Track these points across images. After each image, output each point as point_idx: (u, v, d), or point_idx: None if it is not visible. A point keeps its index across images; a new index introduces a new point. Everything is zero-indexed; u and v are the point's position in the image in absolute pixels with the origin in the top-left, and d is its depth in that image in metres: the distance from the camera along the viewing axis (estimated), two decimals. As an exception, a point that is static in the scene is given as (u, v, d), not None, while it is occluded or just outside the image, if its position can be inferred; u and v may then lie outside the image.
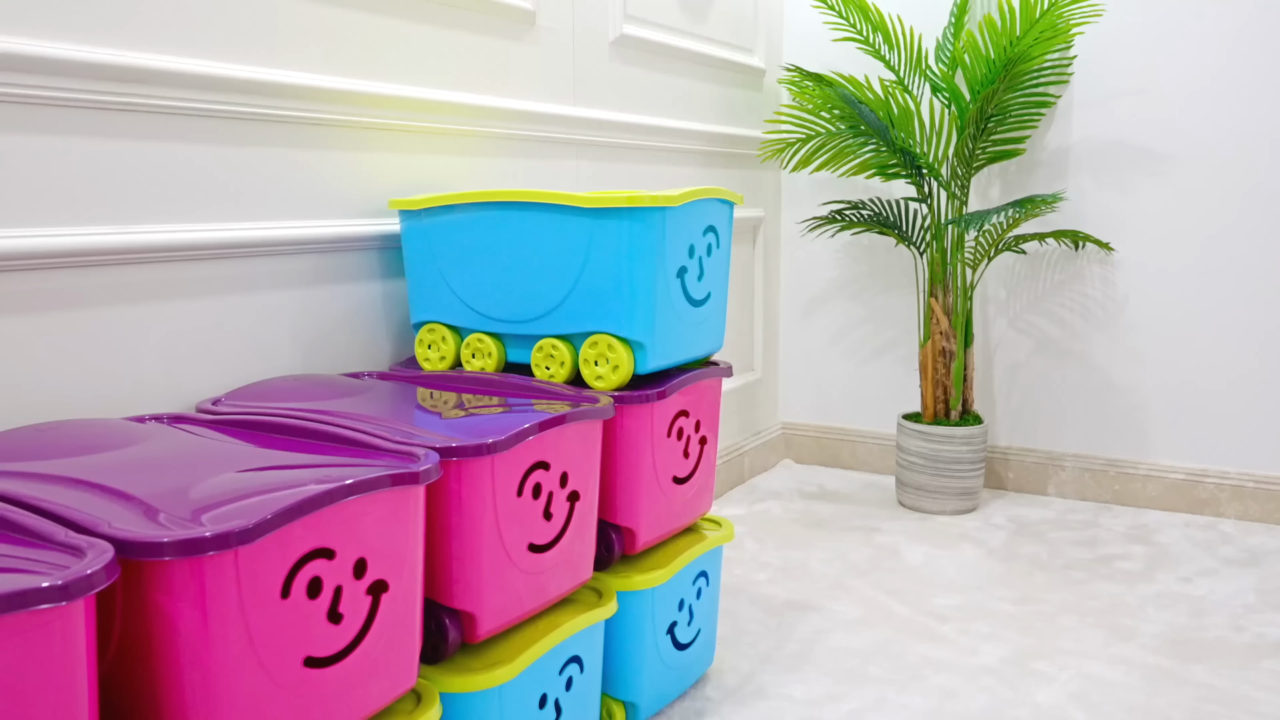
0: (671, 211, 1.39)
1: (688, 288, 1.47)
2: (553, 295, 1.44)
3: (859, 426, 3.03)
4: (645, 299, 1.39)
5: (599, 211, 1.38)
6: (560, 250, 1.42)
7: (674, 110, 2.48)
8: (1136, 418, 2.67)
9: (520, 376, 1.47)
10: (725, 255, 1.57)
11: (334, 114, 1.56)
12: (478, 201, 1.49)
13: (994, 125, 2.56)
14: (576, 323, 1.44)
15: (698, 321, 1.52)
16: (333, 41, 1.55)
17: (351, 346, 1.63)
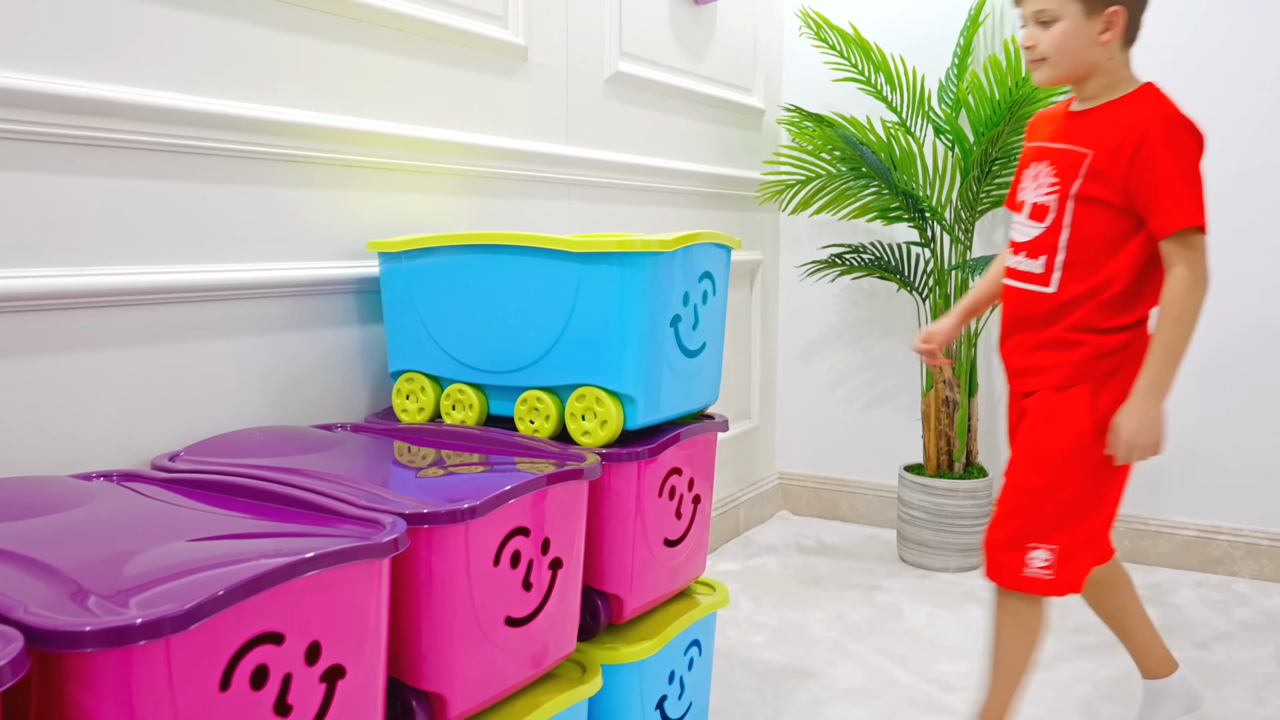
0: (665, 257, 1.31)
1: (682, 337, 1.38)
2: (538, 344, 1.35)
3: (858, 477, 2.93)
4: (636, 350, 1.31)
5: (588, 256, 1.29)
6: (546, 297, 1.34)
7: (670, 150, 2.42)
8: (1146, 472, 2.58)
9: (502, 431, 1.38)
10: (722, 303, 1.49)
11: (314, 151, 1.48)
12: (460, 244, 1.40)
13: (998, 168, 2.49)
14: (563, 374, 1.35)
15: (692, 373, 1.43)
16: (313, 76, 1.48)
17: (326, 395, 1.53)
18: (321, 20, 1.48)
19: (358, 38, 1.55)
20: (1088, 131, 1.40)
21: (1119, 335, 1.39)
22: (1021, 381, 1.49)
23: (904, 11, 2.74)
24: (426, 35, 1.68)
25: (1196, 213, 1.32)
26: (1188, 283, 1.33)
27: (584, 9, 2.08)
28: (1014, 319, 1.49)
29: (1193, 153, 1.35)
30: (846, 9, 2.75)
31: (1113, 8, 1.36)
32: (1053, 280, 1.41)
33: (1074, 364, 1.40)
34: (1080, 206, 1.39)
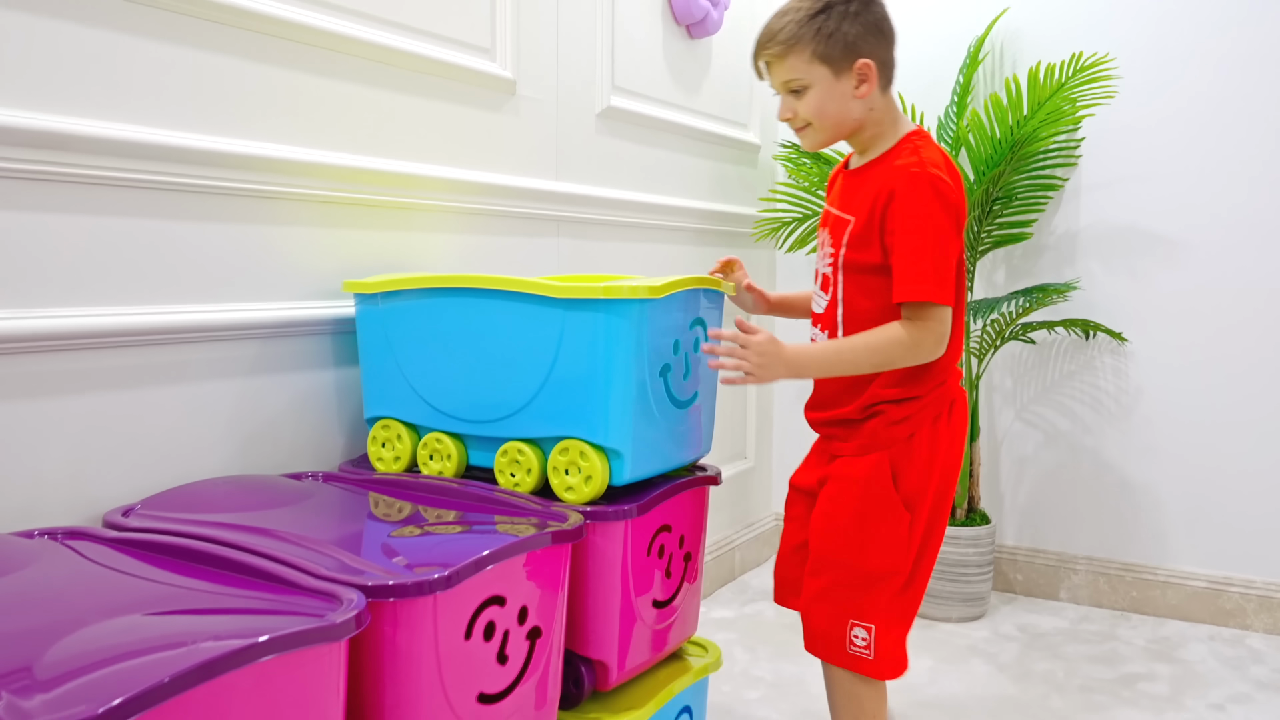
0: (653, 304, 1.24)
1: (671, 387, 1.31)
2: (519, 394, 1.28)
3: (856, 521, 2.84)
4: (623, 401, 1.23)
5: (572, 302, 1.22)
6: (528, 344, 1.26)
7: (664, 186, 2.35)
8: (1153, 519, 2.50)
9: (481, 485, 1.29)
10: (716, 348, 1.41)
11: (289, 186, 1.41)
12: (438, 286, 1.33)
13: (1000, 208, 2.43)
14: (546, 425, 1.27)
15: (683, 424, 1.35)
16: (289, 109, 1.41)
17: (298, 442, 1.45)
18: (298, 52, 1.42)
19: (336, 70, 1.48)
20: (854, 195, 1.37)
21: (913, 403, 1.35)
22: (828, 445, 1.45)
23: (903, 49, 2.67)
24: (410, 68, 1.62)
25: (932, 288, 1.25)
26: (904, 342, 1.28)
27: (575, 42, 2.03)
28: (814, 392, 1.47)
29: (936, 217, 1.27)
30: (844, 44, 2.70)
31: (860, 61, 1.32)
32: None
33: (871, 433, 1.36)
34: (850, 277, 1.36)
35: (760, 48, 1.37)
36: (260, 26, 1.35)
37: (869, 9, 1.34)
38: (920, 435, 1.35)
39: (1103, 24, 2.44)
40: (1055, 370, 2.59)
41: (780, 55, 1.34)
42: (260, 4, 1.34)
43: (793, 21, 1.32)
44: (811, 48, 1.32)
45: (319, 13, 1.44)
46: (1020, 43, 2.55)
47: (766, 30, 1.36)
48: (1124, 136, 2.45)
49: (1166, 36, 2.39)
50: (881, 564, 1.35)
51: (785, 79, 1.35)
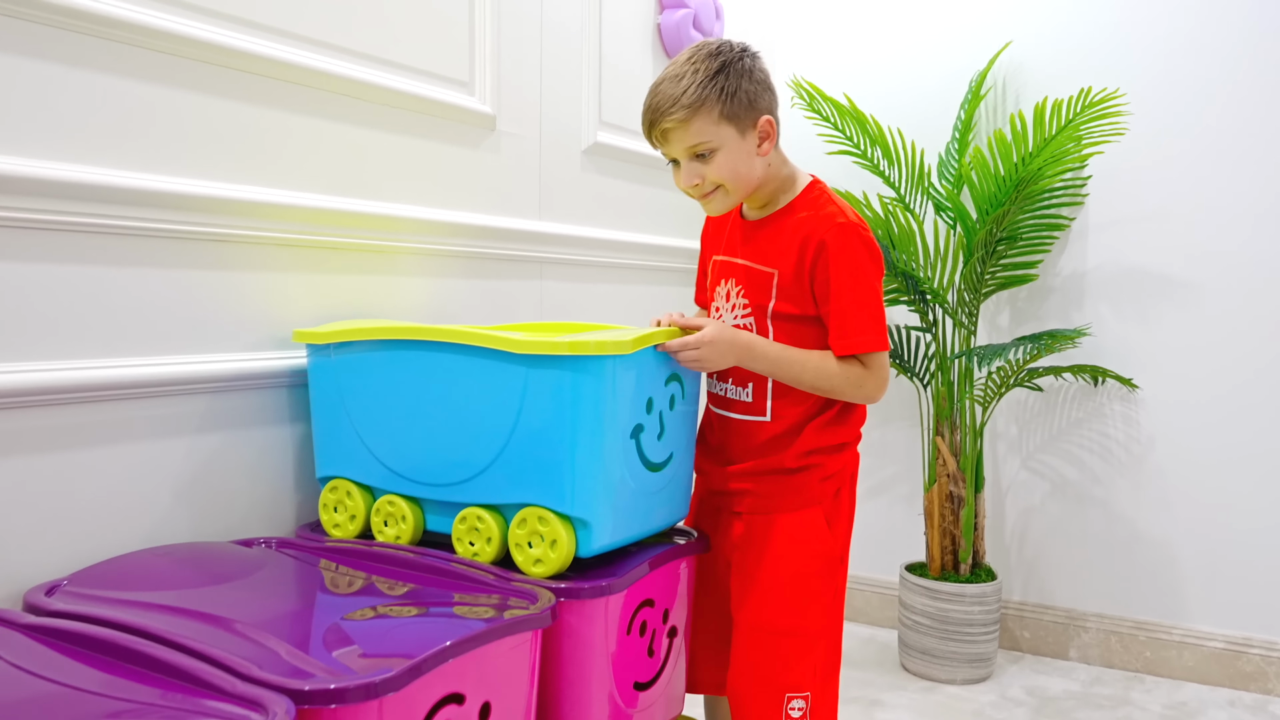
0: (623, 361, 1.14)
1: (644, 450, 1.21)
2: (479, 456, 1.18)
3: (856, 572, 2.72)
4: (590, 467, 1.13)
5: (535, 359, 1.13)
6: (488, 403, 1.16)
7: (653, 225, 2.27)
8: (1167, 575, 2.38)
9: (439, 555, 1.19)
10: (692, 407, 1.32)
11: (244, 229, 1.32)
12: (392, 338, 1.24)
13: (1004, 248, 2.34)
14: (507, 491, 1.17)
15: (657, 489, 1.25)
16: (246, 146, 1.33)
17: (250, 504, 1.35)
18: (248, 83, 1.33)
19: (299, 104, 1.40)
20: (769, 247, 1.35)
21: (843, 453, 1.37)
22: (733, 501, 1.39)
23: (902, 84, 2.62)
24: (381, 102, 1.53)
25: (868, 340, 1.29)
26: (853, 380, 1.30)
27: (559, 75, 1.95)
28: (725, 448, 1.40)
29: (867, 267, 1.30)
30: (841, 80, 2.63)
31: (762, 118, 1.31)
32: (767, 409, 1.35)
33: (804, 487, 1.34)
34: (781, 326, 1.34)
35: (660, 115, 1.30)
36: (212, 57, 1.27)
37: (758, 65, 1.32)
38: (844, 490, 1.39)
39: (1109, 57, 2.36)
40: (1063, 417, 2.49)
41: (685, 120, 1.28)
42: (210, 34, 1.26)
43: (693, 85, 1.27)
44: (719, 108, 1.27)
45: (279, 44, 1.36)
46: (1024, 77, 2.47)
47: (663, 97, 1.29)
48: (1132, 174, 2.36)
49: (1176, 70, 2.31)
50: (818, 623, 1.35)
51: (691, 144, 1.30)
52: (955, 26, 2.55)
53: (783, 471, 1.35)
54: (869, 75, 2.66)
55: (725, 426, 1.40)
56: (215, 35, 1.26)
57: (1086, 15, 2.39)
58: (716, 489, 1.42)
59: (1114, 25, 2.36)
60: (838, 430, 1.36)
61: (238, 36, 1.30)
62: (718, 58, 1.28)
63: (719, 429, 1.42)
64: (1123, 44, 2.35)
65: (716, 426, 1.42)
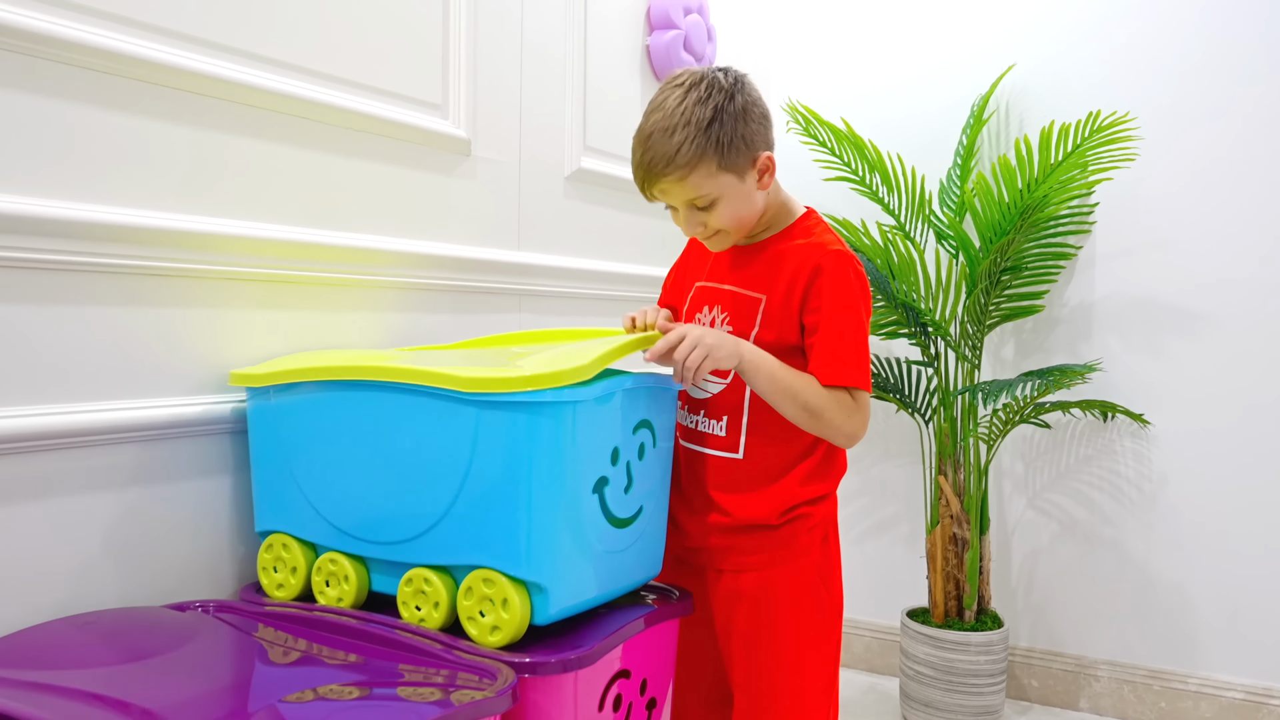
0: (584, 406, 1.04)
1: (609, 504, 1.11)
2: (426, 512, 1.08)
3: (855, 616, 2.61)
4: (546, 525, 1.03)
5: (485, 401, 1.03)
6: (436, 451, 1.06)
7: (641, 254, 2.17)
8: (1183, 621, 2.26)
9: (385, 621, 1.09)
10: (665, 454, 1.22)
11: (179, 261, 1.23)
12: (334, 378, 1.14)
13: (1009, 278, 2.24)
14: (456, 551, 1.07)
15: (624, 546, 1.15)
16: (181, 171, 1.24)
17: (190, 563, 1.25)
18: (189, 105, 1.24)
19: (239, 125, 1.31)
20: (759, 273, 1.29)
21: (825, 502, 1.30)
22: (715, 558, 1.30)
23: (901, 108, 2.53)
24: (344, 125, 1.44)
25: (857, 374, 1.22)
26: (840, 412, 1.21)
27: (541, 98, 1.86)
28: (697, 491, 1.31)
29: (858, 300, 1.24)
30: (838, 104, 2.54)
31: (762, 156, 1.24)
32: (740, 445, 1.27)
33: (792, 540, 1.26)
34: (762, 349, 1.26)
35: (655, 175, 1.21)
36: (148, 76, 1.18)
37: (752, 99, 1.23)
38: (830, 536, 1.31)
39: (1116, 81, 2.27)
40: (1071, 454, 2.37)
41: (682, 178, 1.20)
42: (146, 50, 1.17)
43: (686, 141, 1.18)
44: (716, 161, 1.20)
45: (224, 61, 1.27)
46: (1027, 101, 2.38)
47: (655, 155, 1.20)
48: (1141, 201, 2.26)
49: (1185, 94, 2.21)
50: (817, 683, 1.27)
51: (690, 198, 1.23)
52: (956, 49, 2.46)
53: (766, 528, 1.25)
54: (867, 99, 2.57)
55: (694, 464, 1.31)
56: (152, 52, 1.18)
57: (1092, 38, 2.30)
58: (694, 545, 1.32)
59: (1121, 48, 2.27)
60: (821, 482, 1.28)
61: (178, 54, 1.21)
62: (709, 103, 1.19)
63: (687, 467, 1.33)
64: (1130, 67, 2.26)
65: (684, 464, 1.33)
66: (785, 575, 1.27)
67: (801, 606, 1.27)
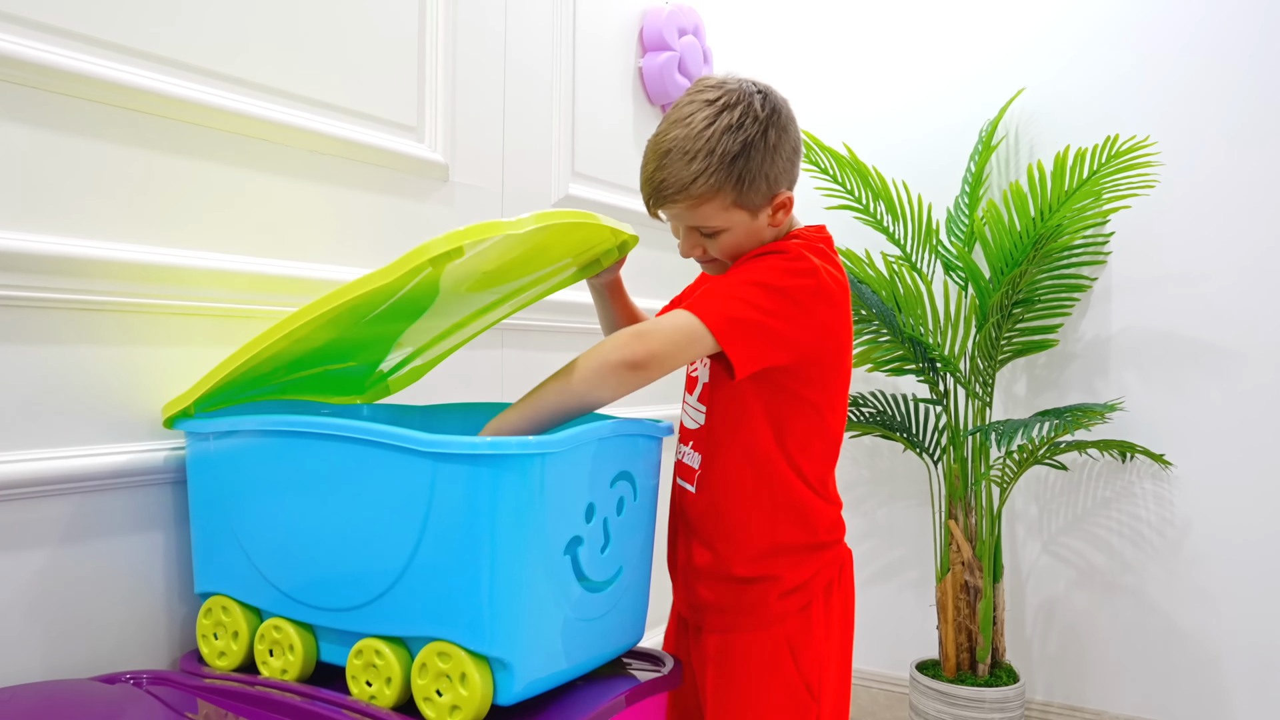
0: (553, 458, 0.93)
1: (583, 566, 0.99)
2: (377, 576, 0.96)
3: (862, 666, 2.48)
4: (509, 592, 0.91)
5: (442, 454, 0.91)
6: (390, 508, 0.95)
7: (634, 286, 2.06)
8: (1209, 675, 2.12)
9: (331, 698, 0.97)
10: (648, 508, 1.10)
11: (117, 295, 1.12)
12: (281, 431, 1.03)
13: (1021, 311, 2.13)
14: (409, 620, 0.95)
15: (601, 611, 1.03)
16: (121, 197, 1.13)
17: (125, 628, 1.13)
18: (130, 124, 1.14)
19: (188, 146, 1.21)
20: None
21: (813, 556, 1.13)
22: (699, 614, 1.18)
23: (906, 133, 2.43)
24: (303, 146, 1.34)
25: (711, 308, 1.02)
26: (603, 347, 1.01)
27: (525, 121, 1.76)
28: (681, 532, 1.19)
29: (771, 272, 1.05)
30: (840, 129, 2.45)
31: (781, 196, 1.10)
32: (695, 477, 1.15)
33: (759, 604, 1.12)
34: (715, 366, 1.14)
35: (666, 199, 1.09)
36: (84, 92, 1.08)
37: (786, 134, 1.10)
38: (815, 605, 1.14)
39: (1130, 103, 2.16)
40: (1088, 496, 2.25)
41: (692, 207, 1.09)
42: (80, 64, 1.07)
43: (705, 172, 1.05)
44: (732, 198, 1.07)
45: (174, 78, 1.16)
46: (1038, 125, 2.28)
47: (669, 177, 1.07)
48: (1158, 230, 2.15)
49: (1203, 118, 2.11)
50: None
51: (695, 224, 1.11)
52: (963, 72, 2.37)
53: (733, 579, 1.13)
54: (871, 123, 2.47)
55: (678, 503, 1.20)
56: (87, 66, 1.07)
57: (1105, 60, 2.20)
58: (683, 599, 1.20)
59: (1135, 69, 2.17)
60: (796, 529, 1.12)
61: (121, 69, 1.11)
62: (739, 134, 1.05)
63: (675, 506, 1.21)
64: (1145, 89, 2.16)
65: (674, 504, 1.22)
66: (746, 642, 1.13)
67: (763, 683, 1.12)
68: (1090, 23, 2.22)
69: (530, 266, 1.20)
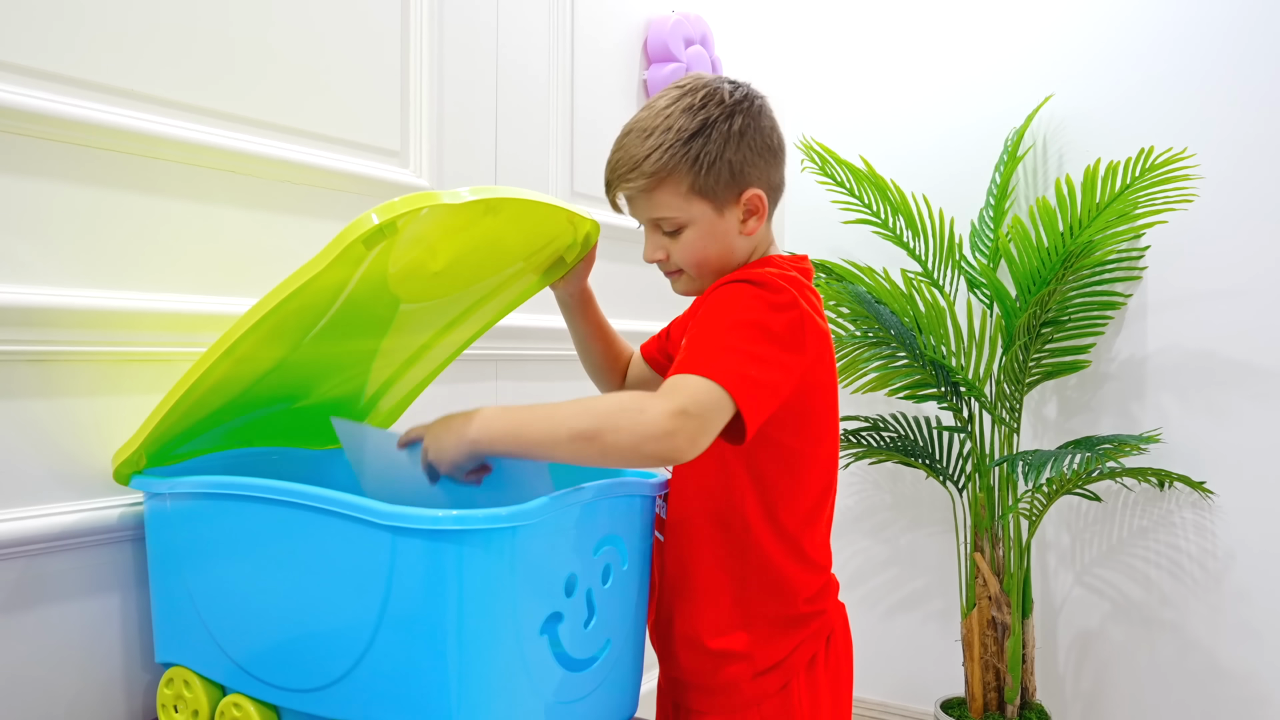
0: (526, 531, 0.83)
1: (564, 644, 0.89)
2: (338, 656, 0.87)
3: (883, 699, 2.37)
4: (478, 679, 0.82)
5: (400, 527, 0.82)
6: (348, 583, 0.86)
7: (637, 309, 1.97)
8: (1256, 716, 2.00)
9: (286, 787, 0.89)
10: (638, 571, 1.00)
11: (69, 344, 1.04)
12: (236, 494, 0.94)
13: (1050, 331, 2.02)
14: (372, 706, 0.86)
15: (587, 691, 0.94)
16: (66, 234, 1.05)
17: (79, 699, 1.05)
18: (77, 158, 1.06)
19: (141, 181, 1.13)
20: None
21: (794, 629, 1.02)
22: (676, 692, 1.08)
23: (927, 143, 2.32)
24: (275, 177, 1.26)
25: (712, 363, 0.89)
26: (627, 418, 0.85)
27: (521, 140, 1.67)
28: (655, 587, 1.08)
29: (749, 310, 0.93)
30: (856, 140, 2.34)
31: (749, 193, 1.01)
32: (663, 528, 1.05)
33: (730, 686, 1.01)
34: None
35: (618, 178, 1.01)
36: (18, 127, 1.00)
37: (757, 123, 1.02)
38: (795, 684, 1.02)
39: (1166, 109, 2.05)
40: (1124, 526, 2.13)
41: (646, 189, 0.99)
42: (11, 96, 0.99)
43: (661, 147, 0.98)
44: (689, 181, 0.99)
45: (121, 108, 1.08)
46: (1067, 134, 2.16)
47: (624, 154, 1.00)
48: (1196, 244, 2.03)
49: (1243, 127, 1.98)
50: None
51: (654, 217, 1.02)
52: (986, 79, 2.25)
53: (705, 651, 1.02)
54: (889, 134, 2.36)
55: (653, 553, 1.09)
56: (32, 101, 1.00)
57: (1139, 64, 2.09)
58: (665, 670, 1.09)
59: (1171, 73, 2.05)
60: (774, 593, 1.01)
61: (66, 101, 1.03)
62: (699, 113, 0.98)
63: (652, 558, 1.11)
64: (1182, 96, 2.04)
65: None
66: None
67: None
68: (1123, 24, 2.10)
69: (485, 267, 1.11)
